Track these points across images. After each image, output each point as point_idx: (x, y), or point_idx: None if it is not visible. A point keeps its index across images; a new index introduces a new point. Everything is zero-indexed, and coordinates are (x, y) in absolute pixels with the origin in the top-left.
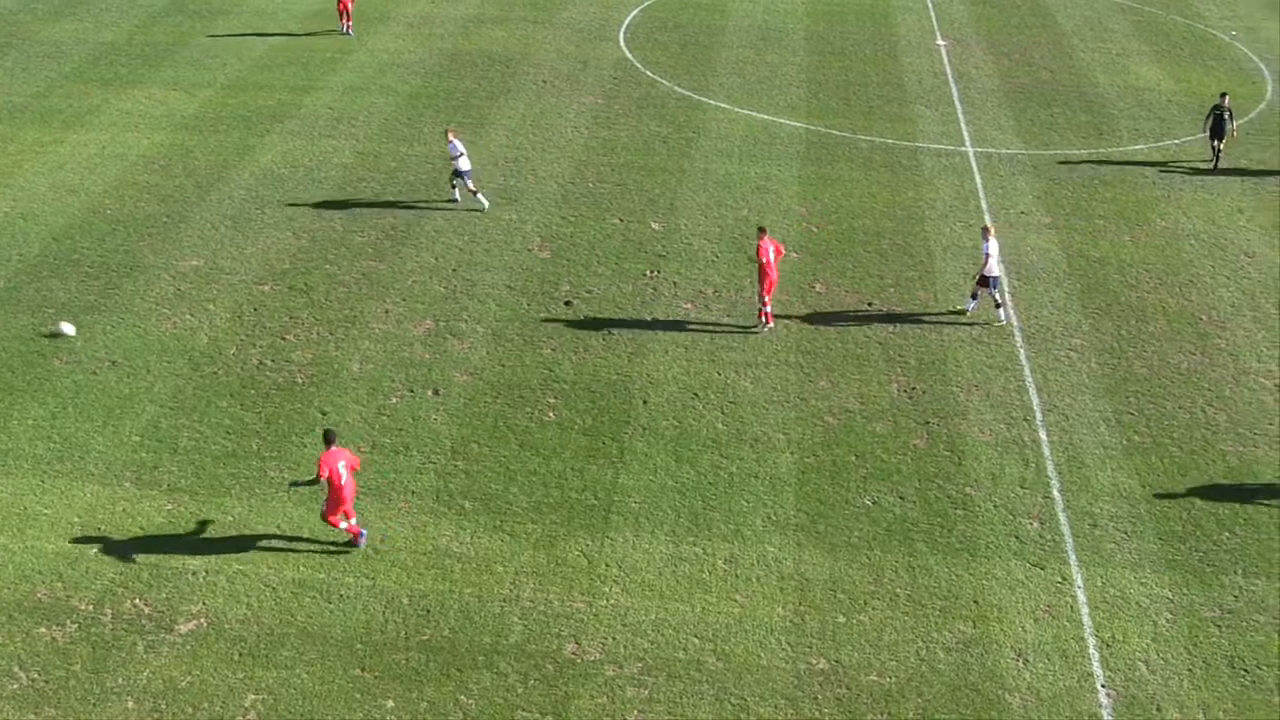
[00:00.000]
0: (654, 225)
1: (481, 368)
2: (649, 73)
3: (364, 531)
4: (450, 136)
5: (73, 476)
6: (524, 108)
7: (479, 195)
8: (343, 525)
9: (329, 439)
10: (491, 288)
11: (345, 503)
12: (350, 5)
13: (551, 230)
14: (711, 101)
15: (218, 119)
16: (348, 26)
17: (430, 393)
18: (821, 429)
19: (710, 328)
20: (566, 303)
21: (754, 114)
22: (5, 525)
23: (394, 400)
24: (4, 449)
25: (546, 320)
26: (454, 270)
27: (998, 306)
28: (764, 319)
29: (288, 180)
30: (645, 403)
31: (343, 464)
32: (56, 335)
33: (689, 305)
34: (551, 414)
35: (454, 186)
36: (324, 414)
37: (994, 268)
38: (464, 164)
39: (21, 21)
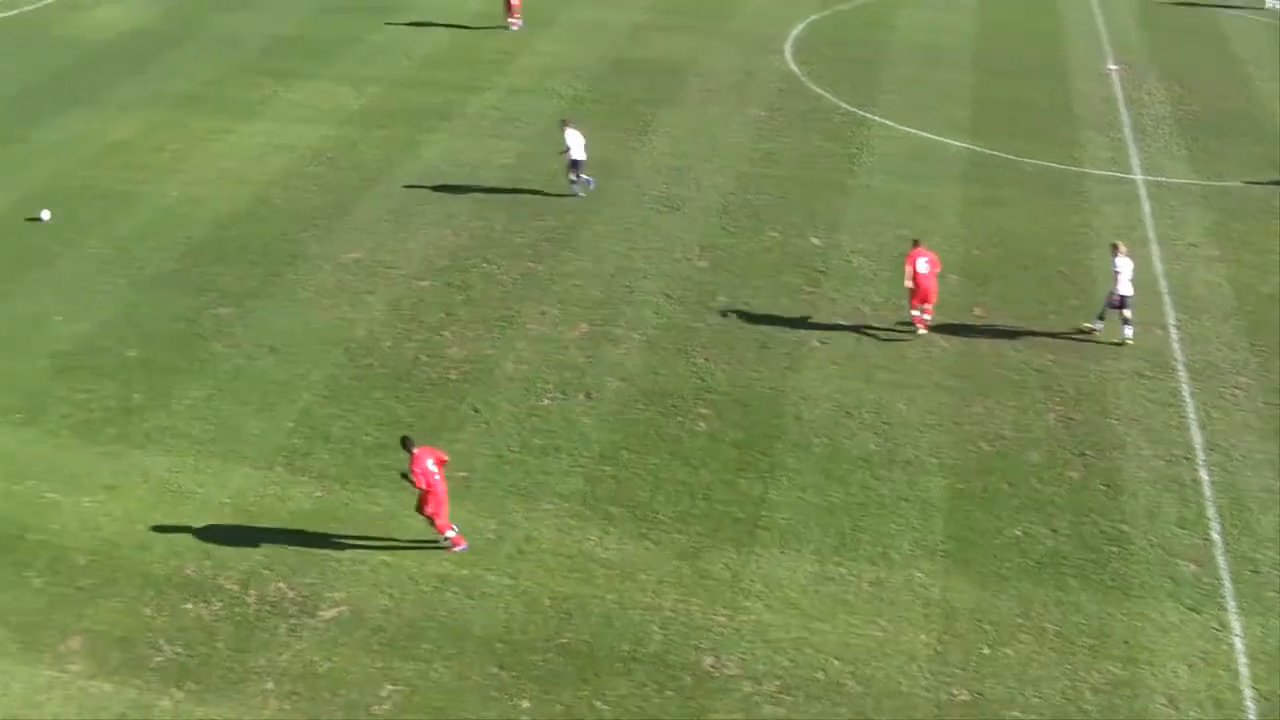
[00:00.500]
0: (814, 240)
1: (635, 374)
2: (814, 86)
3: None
4: (566, 128)
5: (227, 458)
6: (688, 117)
7: (581, 179)
8: (449, 533)
9: (409, 444)
10: (649, 295)
11: (441, 501)
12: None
13: (711, 240)
14: (875, 118)
15: (384, 114)
16: (515, 21)
17: (582, 396)
18: (975, 455)
19: (867, 346)
20: (723, 314)
21: (918, 132)
22: (159, 502)
23: (546, 402)
24: (162, 427)
25: (702, 330)
26: (612, 275)
27: (1125, 324)
28: (916, 324)
29: (451, 178)
30: (797, 418)
31: (431, 461)
32: (35, 219)
33: (846, 322)
34: (702, 424)
35: (573, 181)
36: (476, 411)
37: (1125, 286)
38: (576, 154)
39: (199, 13)
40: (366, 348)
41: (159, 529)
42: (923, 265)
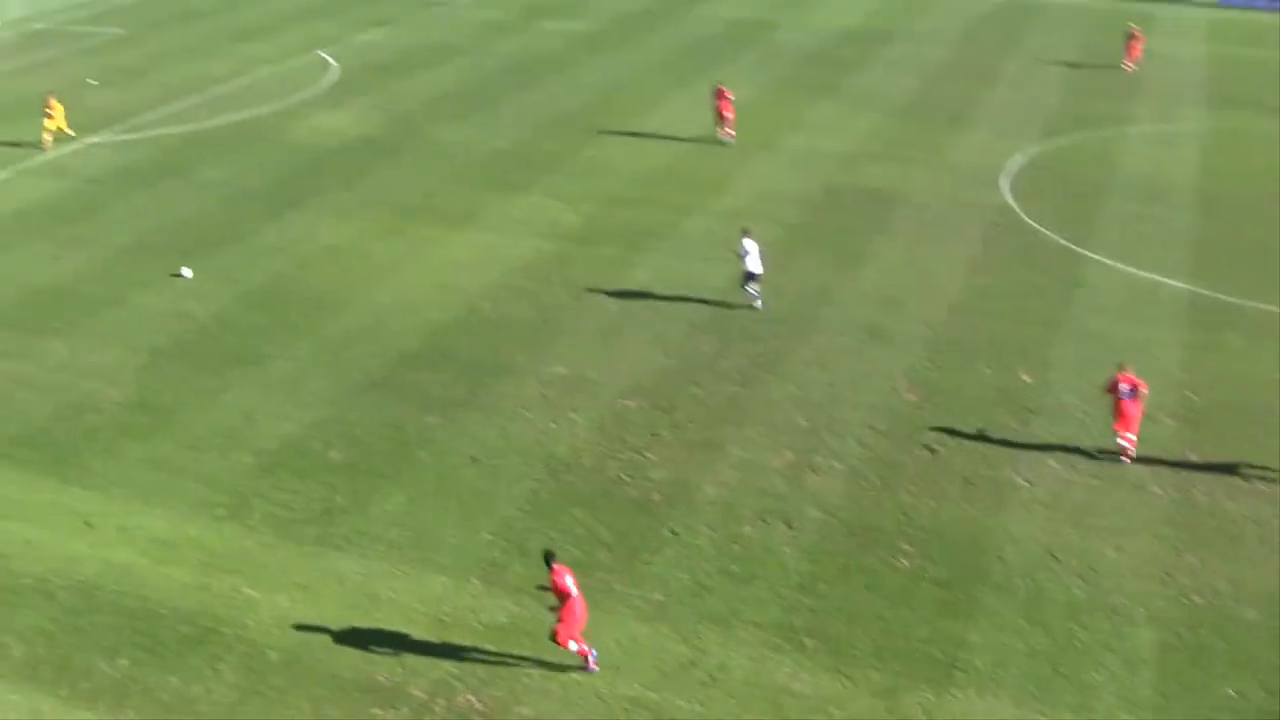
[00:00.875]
0: (1025, 377)
1: (837, 505)
2: (1030, 221)
3: (594, 652)
4: (745, 237)
5: (423, 566)
6: (901, 247)
7: (750, 291)
8: (573, 646)
9: (550, 559)
10: (854, 426)
11: (580, 620)
12: (729, 112)
13: (919, 374)
14: (1092, 255)
15: (597, 231)
16: (728, 133)
17: (783, 525)
18: (1186, 608)
19: (1075, 489)
20: (929, 449)
21: (1136, 271)
22: (354, 605)
23: (746, 529)
24: (361, 530)
25: (907, 464)
26: (818, 404)
27: None
28: (1122, 453)
29: (661, 299)
30: (1001, 559)
31: (570, 578)
32: (178, 275)
33: (1055, 463)
34: (904, 560)
35: (748, 292)
36: (675, 534)
37: None
38: (753, 265)
39: (420, 124)
40: (568, 464)
41: (351, 632)
42: (1125, 389)
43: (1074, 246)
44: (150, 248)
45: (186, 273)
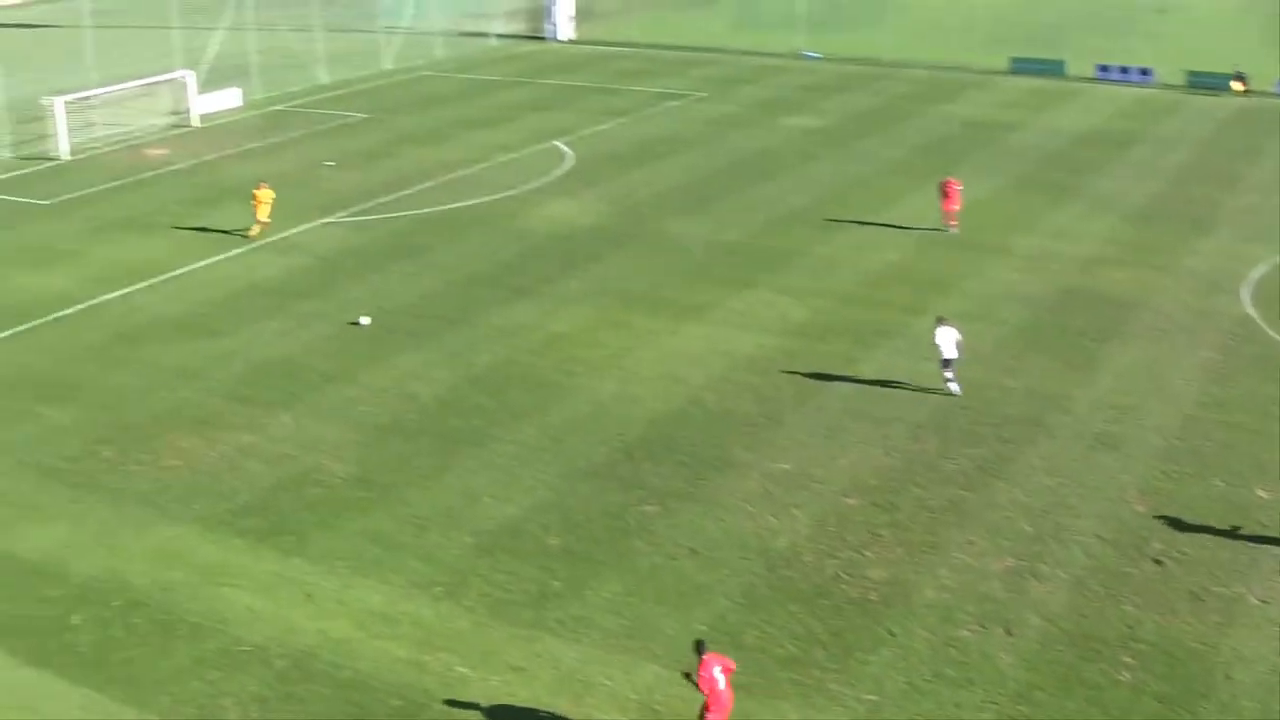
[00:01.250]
0: (1260, 493)
1: (1059, 614)
2: (1271, 331)
3: None
4: (940, 326)
5: (637, 654)
6: (1135, 354)
7: (949, 377)
8: None
9: (701, 648)
10: (1079, 534)
11: (724, 711)
12: (956, 204)
13: (1150, 484)
14: None
15: (825, 328)
16: (952, 224)
17: (1002, 631)
18: None
19: None
20: (1157, 561)
21: None
22: (565, 689)
23: (964, 633)
24: (577, 616)
25: (1134, 576)
26: (1043, 511)
27: None
28: None
29: (887, 398)
30: (1228, 678)
31: (718, 669)
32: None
33: None
34: (1125, 674)
35: (947, 379)
36: (892, 634)
37: None
38: (948, 353)
39: (650, 215)
40: (787, 559)
41: (562, 717)
42: None
43: None
44: (378, 327)
45: (365, 320)
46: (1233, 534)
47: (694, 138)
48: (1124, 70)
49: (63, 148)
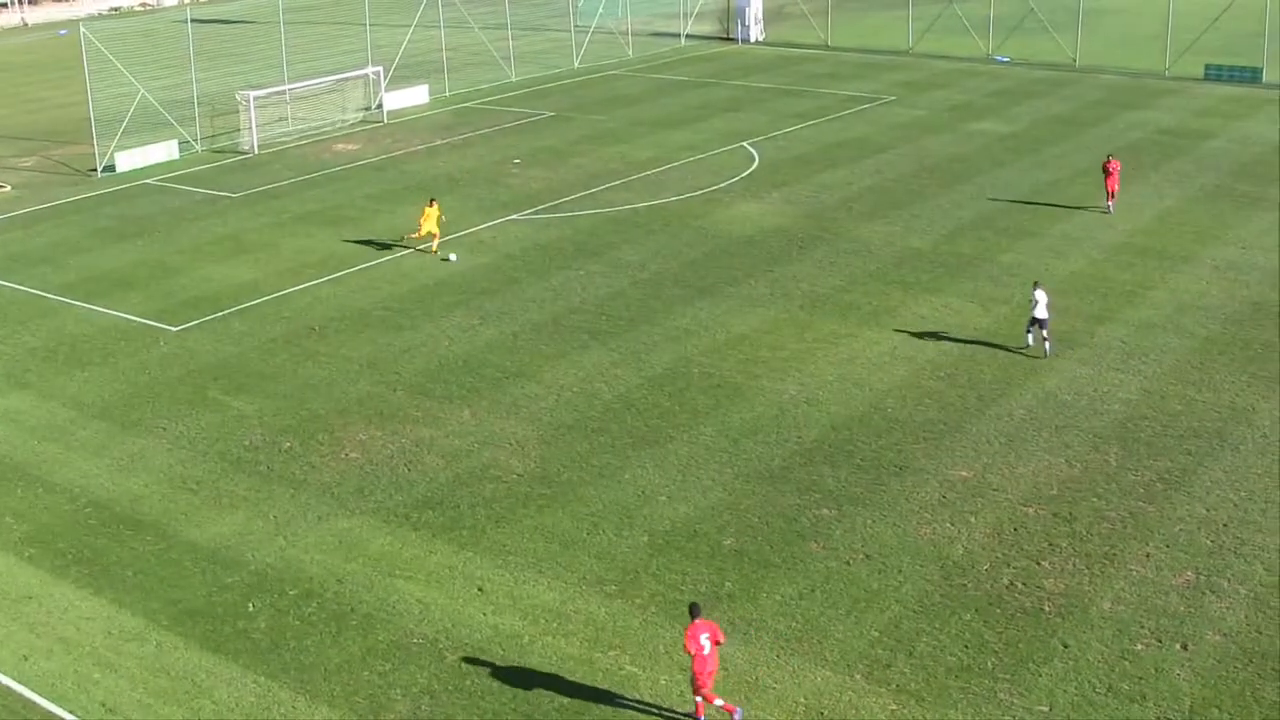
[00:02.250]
0: None
1: (1237, 631)
2: None
3: (738, 710)
4: (1036, 289)
5: (807, 657)
6: None
7: (1046, 343)
8: (712, 701)
9: (694, 612)
10: (1261, 549)
11: (702, 676)
12: (1115, 185)
13: None
14: None
15: (1008, 336)
16: (1111, 204)
17: (1178, 646)
18: None
19: None
20: None
21: None
22: (734, 691)
23: (1139, 647)
24: (748, 618)
25: None
26: (1224, 525)
27: None
28: None
29: (1069, 407)
30: None
31: (705, 636)
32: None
33: None
34: None
35: (1028, 332)
36: (1065, 646)
37: None
38: (1040, 312)
39: (837, 219)
40: (962, 567)
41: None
42: None
43: None
44: (563, 325)
45: (453, 257)
46: None
47: (882, 141)
48: None
49: (254, 141)
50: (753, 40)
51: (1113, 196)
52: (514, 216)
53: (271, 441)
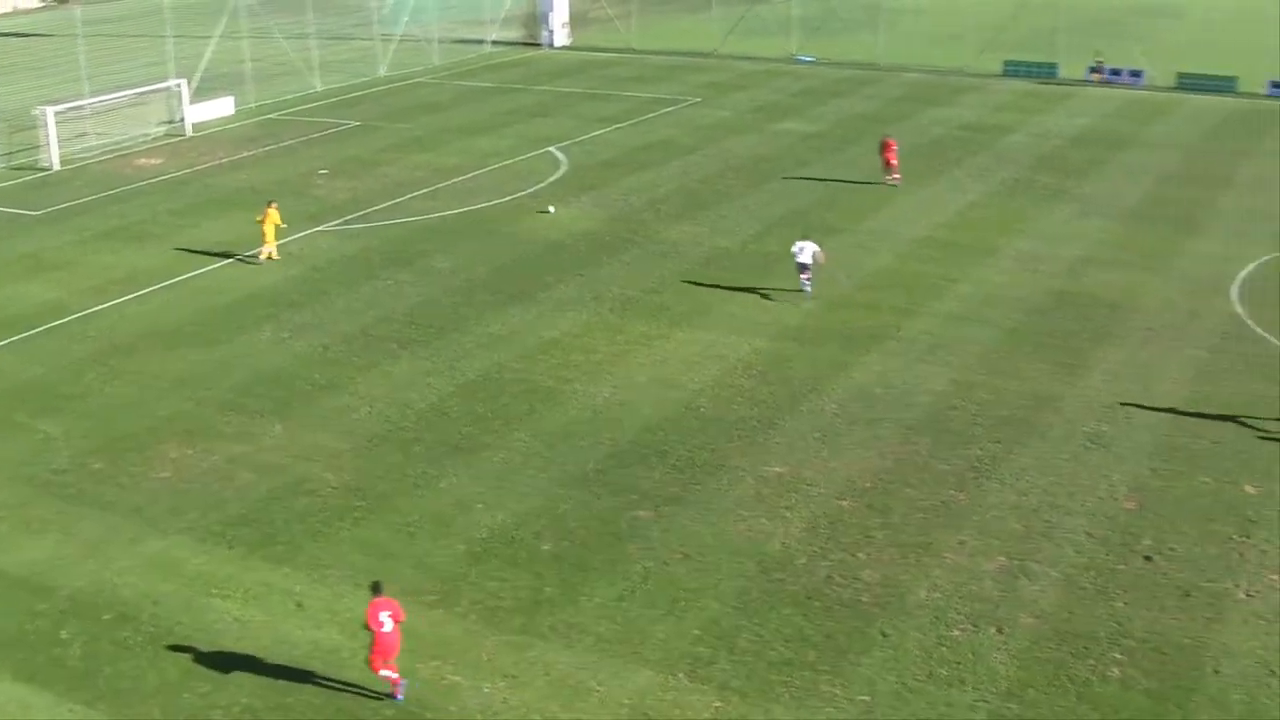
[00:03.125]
0: (1249, 489)
1: (1050, 612)
2: (1260, 330)
3: (403, 682)
4: (800, 241)
5: (629, 659)
6: (1124, 354)
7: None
8: (383, 674)
9: (377, 589)
10: (1070, 532)
11: (387, 651)
12: (894, 159)
13: (1140, 481)
14: None
15: (819, 332)
16: (895, 177)
17: (994, 630)
18: None
19: None
20: (1147, 558)
21: None
22: (557, 695)
23: (956, 633)
24: (569, 622)
25: (1123, 572)
26: (1034, 510)
27: None
28: None
29: (880, 400)
30: (1216, 672)
31: (386, 614)
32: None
33: (1276, 576)
34: (1115, 670)
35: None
36: (884, 635)
37: None
38: (804, 259)
39: (646, 221)
40: (780, 563)
41: None
42: None
43: None
44: (374, 335)
45: (551, 209)
46: (1221, 530)
47: (688, 143)
48: (1115, 72)
49: (54, 158)
50: (558, 45)
51: (893, 169)
52: (322, 228)
53: (80, 463)
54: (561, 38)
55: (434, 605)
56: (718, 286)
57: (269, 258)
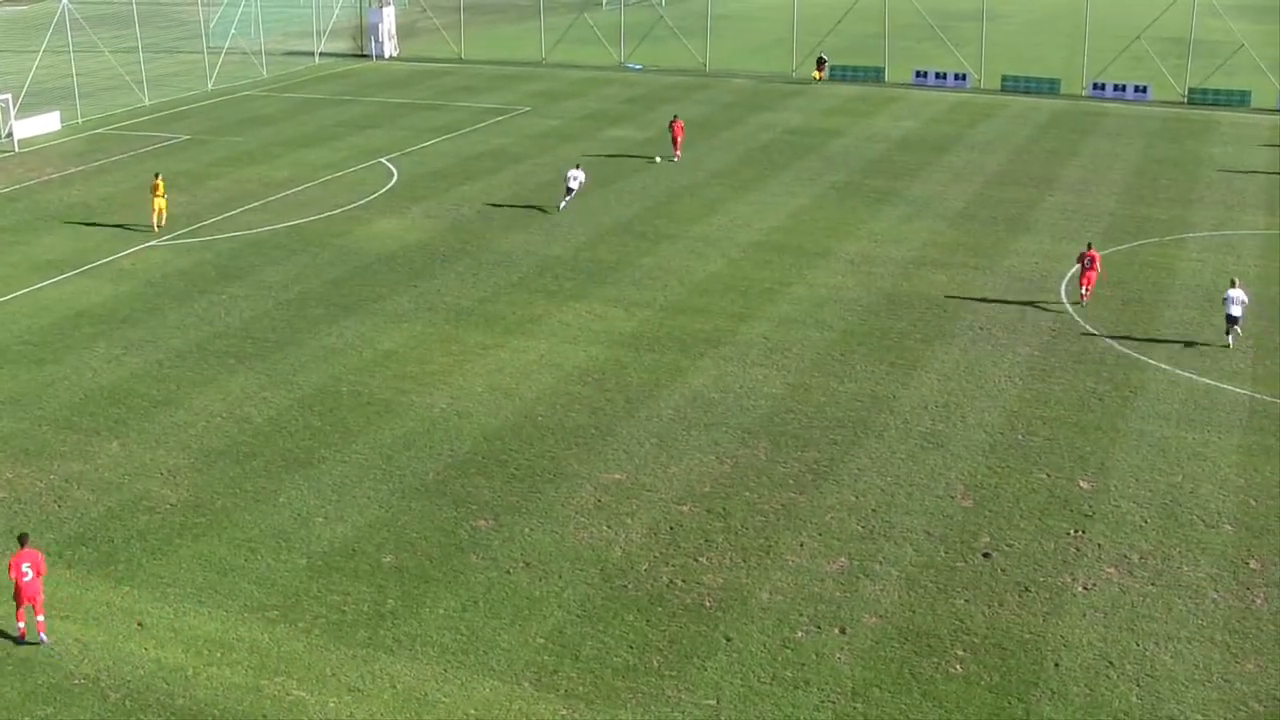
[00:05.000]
0: (1082, 484)
1: (891, 612)
2: (1089, 327)
3: (43, 640)
4: (572, 169)
5: (474, 670)
6: (958, 353)
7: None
8: (21, 619)
9: (23, 541)
10: (909, 531)
11: (24, 598)
12: (680, 136)
13: (976, 479)
14: (1151, 361)
15: (654, 338)
16: (677, 155)
17: (837, 631)
18: (1245, 715)
19: (1132, 595)
20: (985, 555)
21: (1195, 377)
22: (404, 708)
23: (799, 634)
24: (413, 634)
25: (962, 570)
26: (873, 510)
27: None
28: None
29: (717, 405)
30: (1057, 666)
31: (27, 565)
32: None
33: (1112, 569)
34: (958, 666)
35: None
36: (728, 639)
37: None
38: (572, 185)
39: (478, 231)
40: (622, 569)
41: None
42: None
43: (1132, 353)
44: (208, 351)
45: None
46: (1057, 525)
47: (519, 152)
48: (940, 76)
49: None
50: (387, 56)
51: (678, 146)
52: (154, 243)
53: None
54: (390, 49)
55: (277, 620)
56: (552, 295)
57: (160, 226)
